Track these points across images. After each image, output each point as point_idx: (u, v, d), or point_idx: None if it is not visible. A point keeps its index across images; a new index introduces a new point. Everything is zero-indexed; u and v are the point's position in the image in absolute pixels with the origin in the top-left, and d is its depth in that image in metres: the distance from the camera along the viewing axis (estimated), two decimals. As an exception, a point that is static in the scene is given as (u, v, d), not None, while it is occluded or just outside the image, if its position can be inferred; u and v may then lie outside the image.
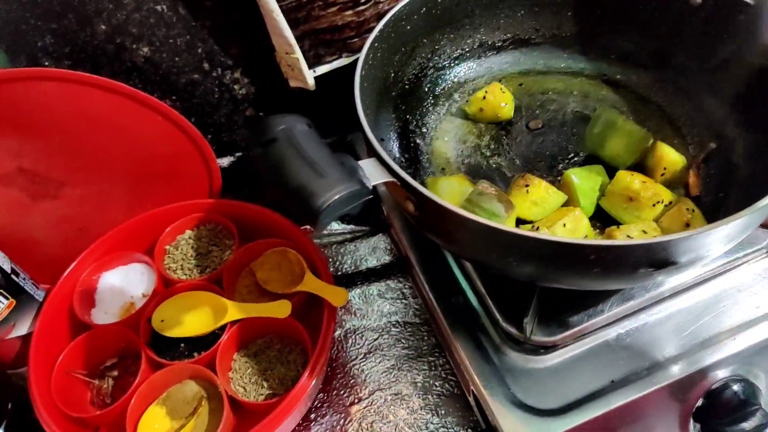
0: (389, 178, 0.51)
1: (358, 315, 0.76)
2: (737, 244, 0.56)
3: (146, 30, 0.65)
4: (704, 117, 0.66)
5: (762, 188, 0.49)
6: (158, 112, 0.68)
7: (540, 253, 0.48)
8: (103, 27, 0.63)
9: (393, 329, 0.74)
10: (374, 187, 0.50)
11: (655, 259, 0.48)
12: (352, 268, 0.80)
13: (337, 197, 0.44)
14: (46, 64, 0.65)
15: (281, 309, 0.67)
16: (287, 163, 0.46)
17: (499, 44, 0.74)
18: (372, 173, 0.50)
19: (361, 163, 0.51)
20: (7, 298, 0.66)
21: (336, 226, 0.84)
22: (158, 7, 0.64)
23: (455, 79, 0.74)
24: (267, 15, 0.65)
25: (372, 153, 0.53)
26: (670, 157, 0.63)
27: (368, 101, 0.62)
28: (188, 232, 0.77)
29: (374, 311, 0.76)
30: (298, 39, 0.69)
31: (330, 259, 0.81)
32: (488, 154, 0.71)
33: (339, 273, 0.80)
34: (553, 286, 0.58)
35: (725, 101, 0.65)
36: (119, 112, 0.66)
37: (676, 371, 0.57)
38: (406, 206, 0.53)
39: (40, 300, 0.71)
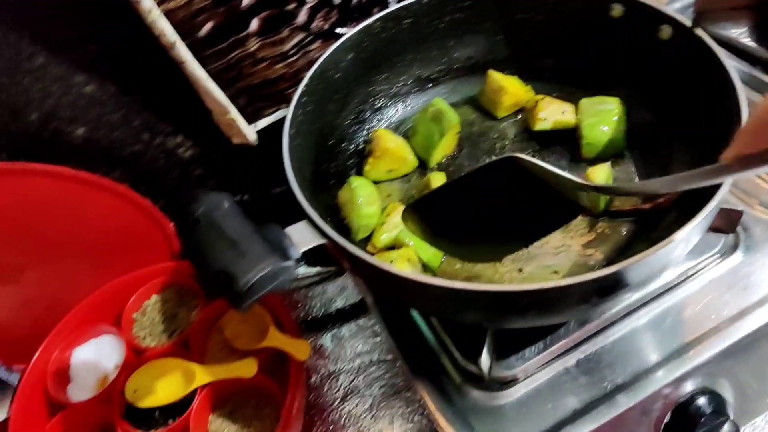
0: (320, 241, 0.51)
1: (332, 358, 0.76)
2: (691, 253, 0.56)
3: (78, 112, 0.65)
4: (642, 130, 0.66)
5: (700, 199, 0.48)
6: (103, 188, 0.69)
7: (472, 302, 0.47)
8: (35, 115, 0.64)
9: (368, 369, 0.74)
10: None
11: (599, 290, 0.48)
12: (322, 311, 0.81)
13: (257, 277, 0.44)
14: (-16, 159, 0.66)
15: (248, 368, 0.67)
16: (208, 248, 0.46)
17: (435, 76, 0.74)
18: (302, 238, 0.50)
19: (290, 229, 0.51)
20: (-20, 388, 0.67)
21: (302, 270, 0.84)
22: (87, 89, 0.64)
23: (394, 118, 0.74)
24: (196, 82, 0.65)
25: (304, 214, 0.53)
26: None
27: (304, 156, 0.62)
28: (154, 297, 0.77)
29: (347, 353, 0.76)
30: (234, 97, 0.69)
31: (299, 304, 0.82)
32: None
33: (309, 318, 0.81)
34: (504, 327, 0.57)
35: (661, 112, 0.64)
36: (64, 195, 0.67)
37: (640, 391, 0.56)
38: (343, 264, 0.53)
39: (15, 384, 0.72)
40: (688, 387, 0.59)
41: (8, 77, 0.60)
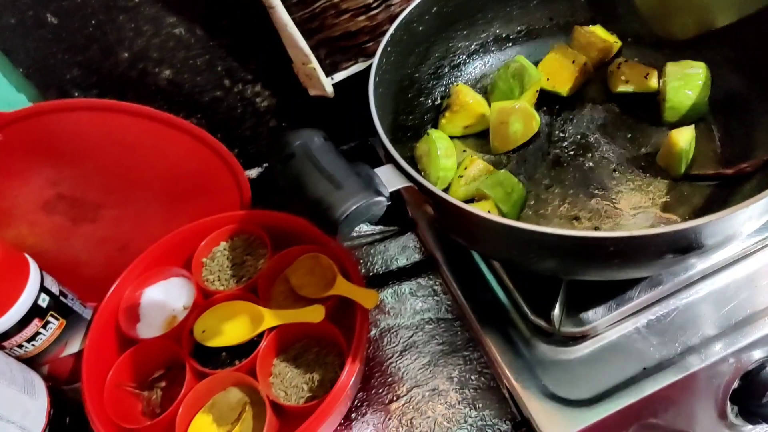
0: (406, 184, 0.52)
1: (392, 314, 0.77)
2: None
3: (166, 53, 0.67)
4: (727, 96, 0.65)
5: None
6: (184, 131, 0.70)
7: (558, 248, 0.48)
8: (126, 55, 0.66)
9: (427, 326, 0.75)
10: (397, 190, 0.51)
11: (678, 246, 0.48)
12: (383, 268, 0.82)
13: (354, 207, 0.46)
14: (76, 94, 0.68)
15: (315, 314, 0.69)
16: (305, 178, 0.48)
17: (514, 36, 0.74)
18: (389, 180, 0.51)
19: (377, 170, 0.52)
20: (57, 319, 0.70)
21: (365, 228, 0.85)
22: (176, 31, 0.66)
23: (472, 75, 0.75)
24: (281, 29, 0.67)
25: (389, 159, 0.55)
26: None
27: (384, 106, 0.63)
28: (223, 244, 0.79)
29: (407, 309, 0.77)
30: (314, 48, 0.70)
31: (361, 261, 0.83)
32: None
33: (371, 274, 0.82)
34: (578, 279, 0.58)
35: (749, 76, 0.64)
36: (147, 134, 0.69)
37: (710, 354, 0.57)
38: (425, 209, 0.54)
39: (88, 318, 0.74)
40: (759, 354, 0.59)
41: (105, 14, 0.62)
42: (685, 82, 0.63)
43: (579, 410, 0.56)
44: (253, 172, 0.82)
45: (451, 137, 0.68)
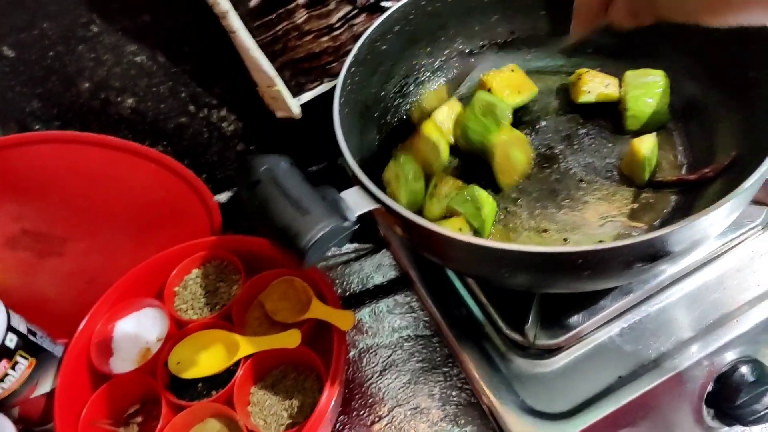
0: (374, 206, 0.52)
1: (370, 333, 0.77)
2: (732, 225, 0.56)
3: (128, 82, 0.66)
4: (684, 98, 0.66)
5: (745, 168, 0.49)
6: (150, 159, 0.70)
7: (527, 264, 0.48)
8: (87, 85, 0.65)
9: (405, 344, 0.75)
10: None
11: (647, 254, 0.48)
12: (360, 287, 0.81)
13: (320, 234, 0.45)
14: (37, 127, 0.67)
15: (291, 339, 0.68)
16: (271, 205, 0.47)
17: (477, 51, 0.75)
18: (356, 202, 0.51)
19: (343, 194, 0.51)
20: (27, 359, 0.68)
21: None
22: (137, 59, 0.65)
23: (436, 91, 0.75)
24: (244, 53, 0.66)
25: (356, 181, 0.54)
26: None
27: (350, 126, 0.63)
28: (195, 272, 0.78)
29: (385, 328, 0.77)
30: (278, 70, 0.70)
31: (336, 281, 0.83)
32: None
33: (347, 293, 0.81)
34: (551, 292, 0.58)
35: (706, 82, 0.65)
36: (112, 165, 0.68)
37: (683, 359, 0.57)
38: (395, 230, 0.54)
39: (59, 355, 0.73)
40: (732, 356, 0.59)
41: (64, 45, 0.61)
42: (645, 91, 0.64)
43: (557, 423, 0.56)
44: (223, 197, 0.81)
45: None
